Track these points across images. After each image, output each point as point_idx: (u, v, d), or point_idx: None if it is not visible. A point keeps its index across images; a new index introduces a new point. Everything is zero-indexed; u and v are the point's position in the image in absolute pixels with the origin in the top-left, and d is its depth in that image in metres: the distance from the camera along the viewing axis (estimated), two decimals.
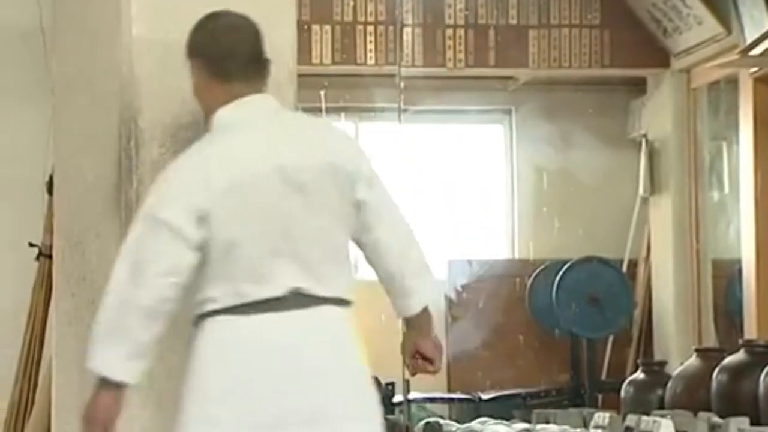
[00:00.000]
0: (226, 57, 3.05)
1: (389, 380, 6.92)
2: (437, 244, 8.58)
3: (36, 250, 4.51)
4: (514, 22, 8.13)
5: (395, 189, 3.41)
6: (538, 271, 8.27)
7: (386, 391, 6.86)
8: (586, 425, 6.24)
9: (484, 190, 8.93)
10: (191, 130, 3.38)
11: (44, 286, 4.40)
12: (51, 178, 4.28)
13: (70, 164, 3.75)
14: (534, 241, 8.57)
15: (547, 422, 6.45)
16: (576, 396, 7.93)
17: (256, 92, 3.06)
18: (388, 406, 6.92)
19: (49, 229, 4.41)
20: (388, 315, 3.67)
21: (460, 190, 8.85)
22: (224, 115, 3.04)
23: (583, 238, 8.40)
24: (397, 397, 7.00)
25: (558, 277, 8.01)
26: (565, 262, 8.08)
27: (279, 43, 3.41)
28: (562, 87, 8.59)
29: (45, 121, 4.47)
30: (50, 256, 4.29)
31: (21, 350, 4.44)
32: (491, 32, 8.11)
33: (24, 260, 4.52)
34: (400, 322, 3.46)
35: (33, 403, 4.36)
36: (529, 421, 6.65)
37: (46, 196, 4.44)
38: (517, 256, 8.78)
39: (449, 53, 8.09)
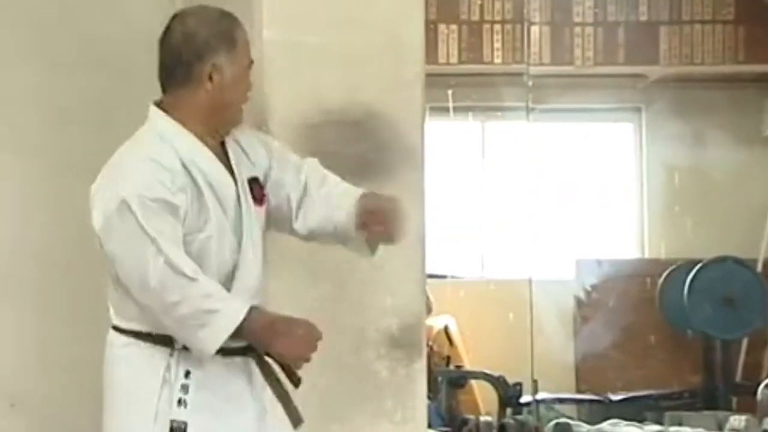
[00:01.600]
0: None
1: (516, 380, 6.89)
2: (565, 243, 8.52)
3: None
4: (644, 18, 8.02)
5: (522, 188, 3.31)
6: (669, 270, 8.15)
7: (514, 391, 6.83)
8: (720, 428, 6.13)
9: (613, 189, 8.83)
10: (321, 131, 3.41)
11: None
12: None
13: None
14: (665, 241, 8.46)
15: (680, 425, 6.35)
16: (710, 398, 7.78)
17: (163, 103, 3.02)
18: (516, 406, 6.88)
19: None
20: (515, 314, 3.67)
21: (588, 189, 8.77)
22: None
23: (716, 237, 8.25)
24: (525, 398, 6.95)
25: (690, 277, 7.88)
26: (698, 262, 7.94)
27: (407, 42, 3.42)
28: (694, 84, 8.45)
29: None
30: None
31: None
32: (620, 29, 8.02)
33: None
34: (528, 322, 3.37)
35: None
36: (661, 424, 6.56)
37: None
38: (647, 256, 8.67)
39: (577, 51, 8.03)
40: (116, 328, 3.01)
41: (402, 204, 2.98)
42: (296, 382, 2.92)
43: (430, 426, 4.48)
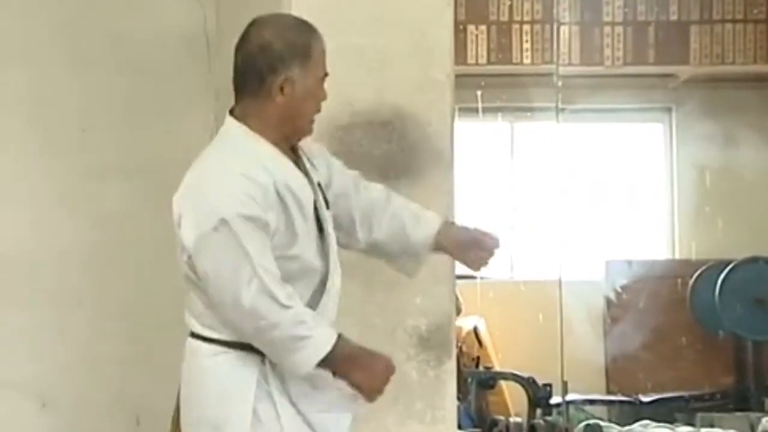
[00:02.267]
0: None
1: (546, 381, 6.87)
2: (595, 244, 8.49)
3: None
4: (675, 18, 7.99)
5: (552, 189, 3.32)
6: (700, 271, 8.11)
7: (543, 392, 6.81)
8: (753, 430, 6.10)
9: (643, 190, 8.80)
10: (351, 131, 3.41)
11: None
12: None
13: None
14: (696, 241, 8.41)
15: (712, 426, 6.32)
16: (741, 400, 7.74)
17: (236, 112, 3.02)
18: (546, 407, 6.86)
19: None
20: (545, 316, 3.66)
21: (618, 190, 8.74)
22: None
23: (747, 237, 8.20)
24: (555, 399, 6.93)
25: (722, 278, 7.84)
26: (729, 263, 7.90)
27: (436, 43, 3.41)
28: (725, 84, 8.40)
29: (208, 125, 4.57)
30: None
31: None
32: (651, 29, 7.98)
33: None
34: (558, 323, 3.37)
35: None
36: (692, 425, 6.53)
37: None
38: (677, 257, 8.63)
39: (607, 51, 8.00)
40: (201, 337, 2.97)
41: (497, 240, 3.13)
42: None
43: (459, 427, 4.48)
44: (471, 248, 3.19)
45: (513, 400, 7.35)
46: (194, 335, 2.98)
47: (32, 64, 5.01)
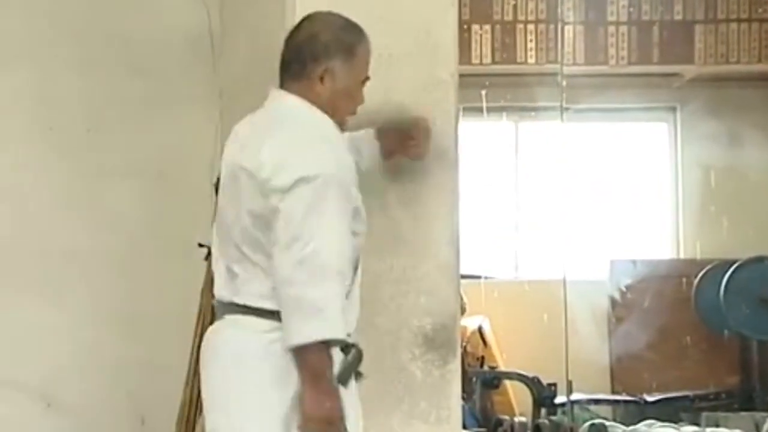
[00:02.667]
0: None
1: (551, 381, 6.87)
2: (599, 243, 8.48)
3: (205, 251, 4.62)
4: (679, 17, 7.98)
5: (556, 189, 3.33)
6: (705, 270, 8.10)
7: (548, 392, 6.81)
8: (758, 429, 6.09)
9: (647, 189, 8.79)
10: (355, 131, 3.41)
11: (213, 287, 4.50)
12: (218, 179, 4.37)
13: None
14: (701, 241, 8.40)
15: (717, 426, 6.31)
16: (746, 399, 7.73)
17: (278, 88, 3.09)
18: (551, 407, 6.86)
19: None
20: (550, 315, 3.66)
21: (623, 190, 8.73)
22: None
23: (752, 237, 8.19)
24: (560, 398, 6.93)
25: (726, 278, 7.83)
26: (734, 262, 7.88)
27: (440, 43, 3.41)
28: (730, 83, 8.39)
29: (213, 124, 4.57)
30: None
31: (191, 350, 4.54)
32: (655, 28, 7.98)
33: (193, 260, 4.63)
34: (562, 322, 3.38)
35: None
36: (697, 425, 6.52)
37: (214, 197, 4.55)
38: (682, 256, 8.62)
39: (611, 50, 7.99)
40: (255, 310, 2.96)
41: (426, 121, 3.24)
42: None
43: (464, 427, 4.47)
44: (405, 139, 3.38)
45: (517, 399, 7.35)
46: (247, 309, 2.96)
47: (38, 64, 5.02)
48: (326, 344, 2.87)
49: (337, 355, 2.92)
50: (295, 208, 2.88)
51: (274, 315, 2.93)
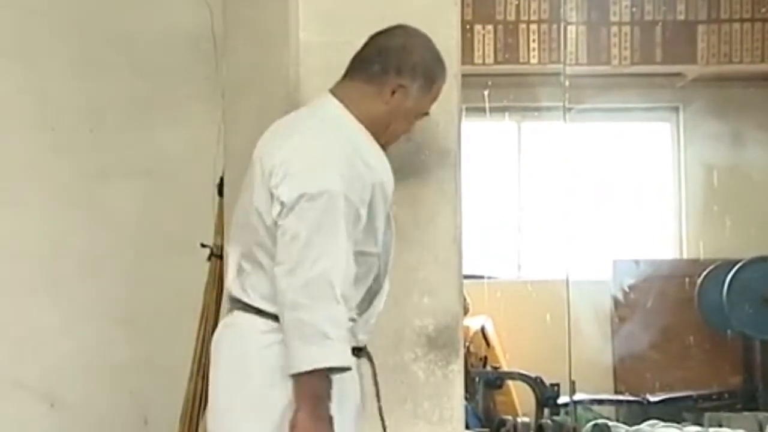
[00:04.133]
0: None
1: (554, 381, 6.87)
2: (602, 243, 8.48)
3: (207, 251, 4.62)
4: (682, 17, 7.97)
5: (559, 189, 3.34)
6: (708, 270, 8.10)
7: (551, 392, 6.81)
8: (761, 429, 6.09)
9: (650, 189, 8.79)
10: None
11: (216, 287, 4.50)
12: (221, 179, 4.38)
13: (240, 166, 3.82)
14: (704, 241, 8.40)
15: (720, 426, 6.31)
16: (750, 399, 7.73)
17: (339, 88, 3.05)
18: (553, 407, 6.86)
19: (219, 231, 4.51)
20: (553, 315, 3.66)
21: (626, 189, 8.73)
22: None
23: (755, 237, 8.18)
24: (563, 398, 6.93)
25: (729, 277, 7.83)
26: (737, 262, 7.88)
27: (442, 43, 3.40)
28: (733, 83, 8.39)
29: (215, 124, 4.57)
30: (221, 257, 4.39)
31: (194, 349, 4.55)
32: (658, 28, 7.97)
33: (196, 261, 4.63)
34: (565, 322, 3.38)
35: (206, 400, 4.47)
36: (700, 425, 6.51)
37: (217, 197, 4.55)
38: (685, 256, 8.62)
39: (614, 50, 7.99)
40: (257, 310, 2.93)
41: None
42: None
43: (467, 427, 4.48)
44: None
45: (520, 399, 7.35)
46: (249, 307, 2.95)
47: (40, 65, 5.02)
48: (328, 370, 2.85)
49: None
50: (298, 228, 2.83)
51: (273, 317, 2.90)
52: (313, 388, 2.83)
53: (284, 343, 2.85)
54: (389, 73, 2.98)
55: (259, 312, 2.94)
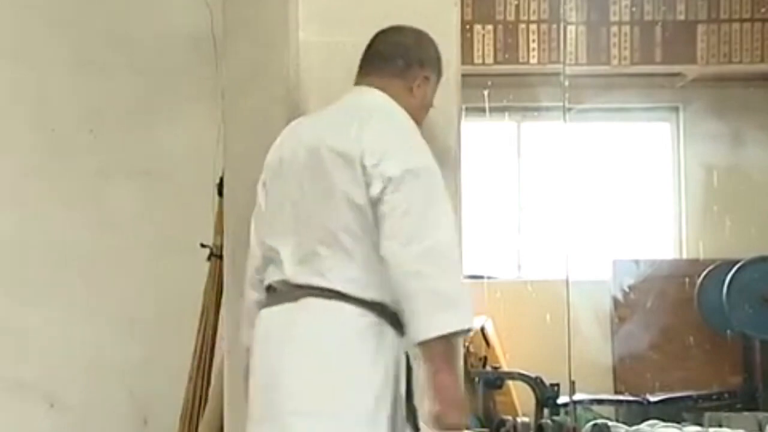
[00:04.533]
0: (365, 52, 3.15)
1: (554, 381, 6.87)
2: (602, 243, 8.48)
3: (207, 251, 4.62)
4: (681, 17, 7.97)
5: (559, 189, 3.38)
6: (708, 270, 8.10)
7: (551, 392, 6.81)
8: (761, 429, 6.09)
9: (650, 189, 8.79)
10: None
11: (216, 287, 4.51)
12: (221, 179, 4.38)
13: (239, 166, 3.82)
14: (703, 241, 8.40)
15: (720, 426, 6.30)
16: (750, 399, 7.73)
17: (366, 84, 3.11)
18: (553, 407, 6.86)
19: (219, 231, 4.51)
20: (553, 315, 3.65)
21: (625, 190, 8.73)
22: None
23: (755, 237, 8.18)
24: (563, 398, 6.93)
25: (729, 277, 7.83)
26: (737, 262, 7.88)
27: (442, 43, 3.41)
28: (733, 83, 8.39)
29: (215, 124, 4.57)
30: (221, 257, 4.39)
31: (194, 349, 4.55)
32: (658, 28, 7.97)
33: (196, 261, 4.63)
34: (565, 322, 3.40)
35: (206, 400, 4.48)
36: (700, 425, 6.51)
37: (217, 197, 4.55)
38: (685, 256, 8.62)
39: (614, 50, 7.98)
40: (343, 296, 2.96)
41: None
42: None
43: (467, 427, 4.47)
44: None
45: (520, 399, 7.35)
46: (329, 292, 2.95)
47: (40, 65, 5.02)
48: (456, 334, 2.94)
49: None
50: (410, 201, 2.90)
51: (362, 302, 2.94)
52: (447, 350, 2.92)
53: (410, 312, 2.88)
54: (413, 67, 3.10)
55: (343, 296, 2.96)
